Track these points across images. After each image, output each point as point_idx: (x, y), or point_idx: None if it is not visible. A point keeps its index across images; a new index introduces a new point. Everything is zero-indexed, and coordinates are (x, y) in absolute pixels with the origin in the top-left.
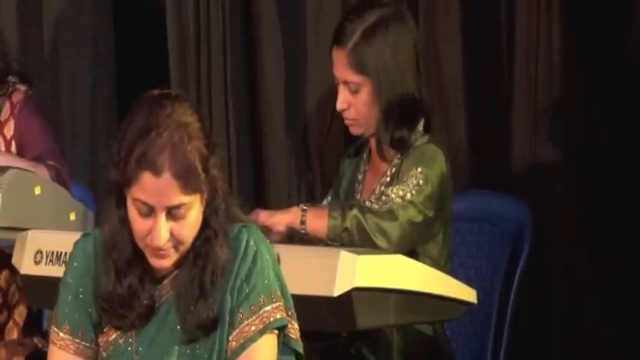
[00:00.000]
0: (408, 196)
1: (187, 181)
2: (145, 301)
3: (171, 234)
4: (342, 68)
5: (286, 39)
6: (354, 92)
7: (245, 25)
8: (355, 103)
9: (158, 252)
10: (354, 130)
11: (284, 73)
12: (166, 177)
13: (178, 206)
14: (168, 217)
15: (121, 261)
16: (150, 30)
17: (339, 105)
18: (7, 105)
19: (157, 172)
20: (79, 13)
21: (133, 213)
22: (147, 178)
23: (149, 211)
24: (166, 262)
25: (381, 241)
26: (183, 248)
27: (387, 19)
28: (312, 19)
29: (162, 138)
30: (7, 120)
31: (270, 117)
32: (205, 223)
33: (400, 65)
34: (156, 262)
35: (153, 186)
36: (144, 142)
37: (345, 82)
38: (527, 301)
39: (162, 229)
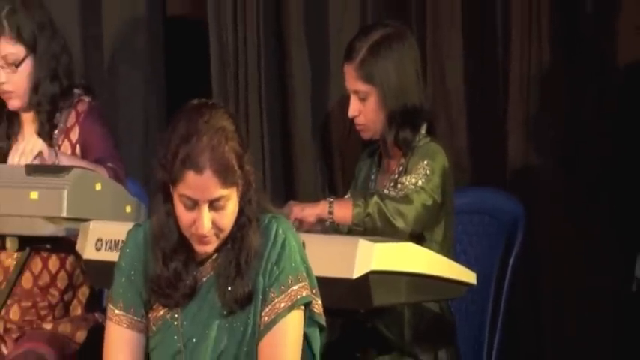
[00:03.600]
0: (420, 183)
1: (226, 177)
2: (188, 282)
3: (213, 223)
4: (352, 79)
5: (312, 55)
6: (363, 100)
7: (276, 43)
8: (364, 111)
9: (202, 239)
10: (364, 135)
11: (310, 85)
12: (207, 175)
13: (218, 199)
14: (210, 209)
15: (167, 248)
16: (194, 48)
17: (351, 112)
18: (73, 114)
19: (199, 171)
20: (134, 36)
21: (179, 207)
22: (191, 176)
23: (193, 205)
24: (209, 248)
25: (399, 223)
26: (223, 235)
27: (389, 37)
28: (335, 38)
29: (203, 141)
30: (72, 126)
31: (298, 123)
32: (241, 212)
33: (402, 77)
34: (200, 248)
35: (196, 183)
36: (187, 145)
37: (355, 92)
38: (519, 283)
39: (206, 220)
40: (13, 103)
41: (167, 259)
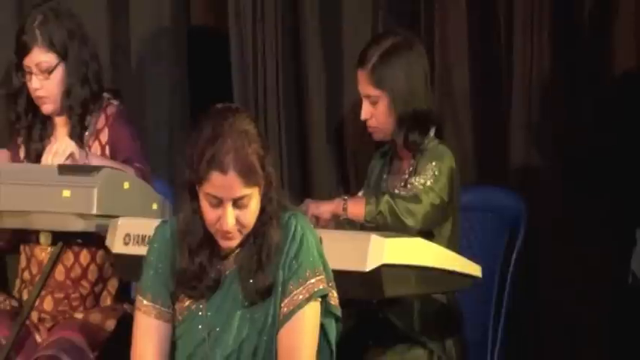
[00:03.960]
0: (428, 183)
1: (248, 177)
2: (213, 275)
3: (237, 220)
4: (364, 84)
5: (327, 62)
6: (374, 104)
7: (294, 51)
8: (375, 114)
9: (226, 235)
10: (376, 136)
11: (325, 91)
12: (232, 175)
13: (242, 197)
14: (234, 207)
15: (193, 243)
16: (216, 56)
17: (363, 115)
18: (103, 116)
19: (224, 171)
20: (160, 44)
21: (204, 205)
22: (216, 176)
23: (218, 203)
24: (232, 243)
25: (409, 221)
26: (245, 231)
27: (399, 45)
28: (348, 46)
29: (227, 143)
30: (102, 128)
31: (314, 126)
32: (262, 210)
33: (410, 82)
34: (224, 243)
35: (221, 182)
36: (212, 147)
37: (367, 96)
38: (522, 276)
39: (230, 217)
40: (47, 108)
41: (193, 254)
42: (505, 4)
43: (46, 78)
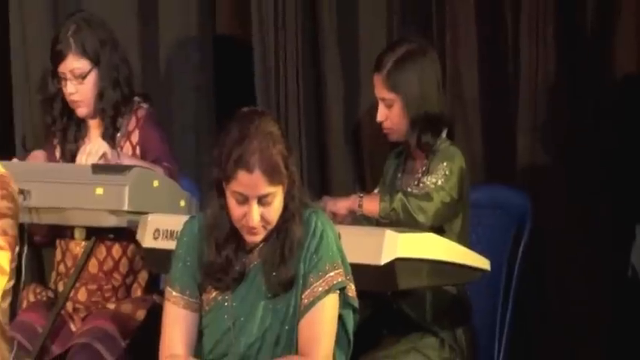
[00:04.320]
0: (439, 182)
1: (273, 176)
2: (238, 268)
3: (261, 217)
4: (379, 88)
5: (345, 70)
6: (389, 107)
7: (313, 60)
8: (390, 116)
9: (251, 230)
10: (391, 137)
11: (343, 96)
12: (257, 174)
13: (266, 195)
14: (259, 204)
15: (220, 238)
16: (240, 63)
17: (379, 117)
18: (133, 119)
19: (250, 170)
20: (187, 51)
21: (231, 202)
22: (242, 175)
23: (244, 200)
24: (257, 238)
25: (420, 217)
26: (269, 227)
27: (413, 52)
28: (365, 54)
29: (253, 144)
30: (133, 130)
31: (332, 128)
32: (286, 208)
33: (423, 87)
34: (249, 238)
35: (247, 181)
36: (239, 147)
37: (382, 99)
38: (528, 269)
39: (255, 214)
40: (81, 111)
41: (220, 248)
42: (512, 10)
43: (80, 83)
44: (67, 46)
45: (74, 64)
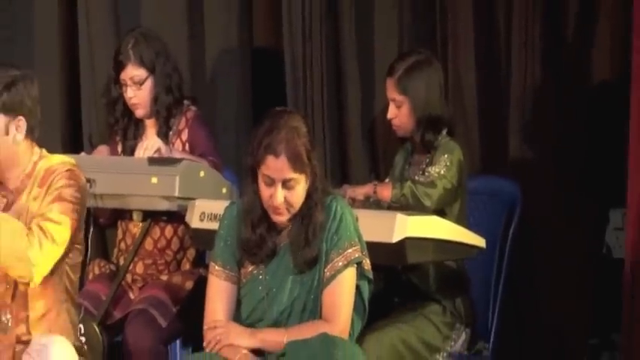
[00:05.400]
0: (442, 172)
1: (296, 163)
2: (270, 245)
3: (285, 199)
4: (391, 90)
5: (362, 80)
6: (399, 107)
7: (335, 70)
8: (399, 115)
9: (277, 210)
10: (398, 133)
11: (360, 101)
12: (283, 159)
13: (290, 180)
14: (283, 187)
15: (254, 219)
16: (274, 71)
17: (389, 115)
18: (183, 119)
19: (277, 155)
20: (228, 60)
21: (261, 185)
22: (270, 159)
23: (271, 182)
24: (282, 218)
25: (426, 201)
26: (293, 210)
27: (421, 62)
28: (379, 66)
29: (281, 134)
30: (183, 129)
31: (351, 126)
32: (309, 196)
33: (428, 92)
34: (275, 218)
35: (274, 165)
36: (269, 137)
37: (393, 100)
38: (518, 248)
39: (279, 194)
40: (139, 113)
41: (254, 227)
42: (505, 22)
43: (138, 89)
44: (127, 57)
45: (133, 72)
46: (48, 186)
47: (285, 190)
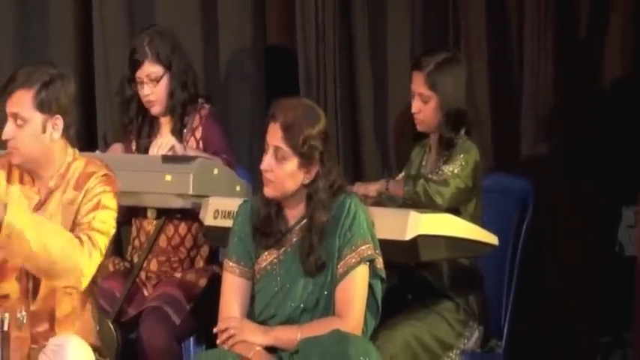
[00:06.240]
0: (456, 171)
1: (288, 133)
2: (280, 226)
3: (272, 170)
4: (419, 84)
5: (375, 80)
6: (425, 102)
7: (348, 71)
8: (424, 110)
9: (264, 177)
10: (419, 127)
11: (372, 96)
12: (277, 125)
13: (279, 148)
14: (273, 155)
15: (264, 202)
16: (287, 68)
17: (413, 109)
18: (197, 117)
19: (275, 121)
20: (242, 58)
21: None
22: (270, 125)
23: (267, 149)
24: (267, 189)
25: (438, 200)
26: (276, 186)
27: (451, 59)
28: (392, 66)
29: (288, 105)
30: (197, 127)
31: (364, 125)
32: (309, 198)
33: (457, 91)
34: (264, 189)
35: (270, 129)
36: (276, 105)
37: (420, 94)
38: (530, 244)
39: (266, 158)
40: (155, 110)
41: (265, 207)
42: (517, 23)
43: (154, 85)
44: (144, 54)
45: (150, 69)
46: (86, 191)
47: (274, 160)
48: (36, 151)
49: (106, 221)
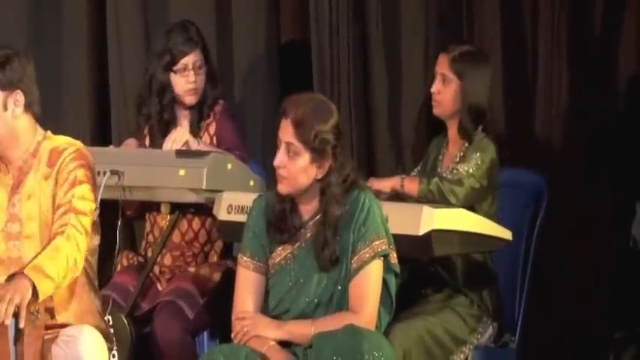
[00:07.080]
0: (471, 170)
1: (298, 129)
2: (295, 220)
3: (285, 165)
4: (444, 65)
5: (389, 75)
6: (446, 84)
7: (362, 67)
8: (444, 91)
9: (277, 172)
10: (436, 110)
11: (386, 96)
12: (288, 121)
13: (291, 144)
14: (286, 152)
15: (279, 196)
16: (301, 65)
17: (433, 89)
18: (212, 113)
19: (286, 117)
20: (256, 56)
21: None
22: (281, 121)
23: (280, 145)
24: (281, 186)
25: (452, 199)
26: (290, 182)
27: (480, 53)
28: (406, 61)
29: (300, 100)
30: (211, 123)
31: (377, 121)
32: (322, 192)
33: (479, 83)
34: (278, 186)
35: (282, 125)
36: (287, 101)
37: (443, 75)
38: (544, 239)
39: (279, 154)
40: (191, 100)
41: (280, 203)
42: (531, 20)
43: (198, 74)
44: (196, 42)
45: (197, 56)
46: (58, 167)
47: (287, 156)
48: (0, 130)
49: (85, 196)
